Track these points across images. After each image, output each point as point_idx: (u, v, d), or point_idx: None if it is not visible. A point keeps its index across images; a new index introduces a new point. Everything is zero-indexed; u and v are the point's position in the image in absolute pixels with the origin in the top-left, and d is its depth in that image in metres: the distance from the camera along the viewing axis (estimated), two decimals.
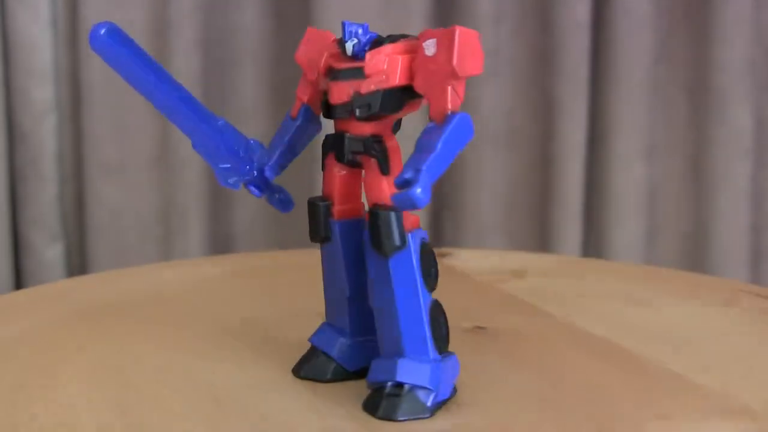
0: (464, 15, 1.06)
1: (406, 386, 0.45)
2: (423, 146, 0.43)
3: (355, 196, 0.48)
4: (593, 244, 1.13)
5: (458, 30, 0.44)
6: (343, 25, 0.46)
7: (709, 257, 1.11)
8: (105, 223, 1.08)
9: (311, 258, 0.53)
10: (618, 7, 1.07)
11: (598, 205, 1.12)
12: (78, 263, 1.10)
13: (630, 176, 1.10)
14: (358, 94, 0.45)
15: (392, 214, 0.45)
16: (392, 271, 0.45)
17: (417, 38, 0.45)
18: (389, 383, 0.46)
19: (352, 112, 0.46)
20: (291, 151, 0.49)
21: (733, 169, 1.10)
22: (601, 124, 1.10)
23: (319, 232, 0.48)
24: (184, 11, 1.04)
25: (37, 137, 1.05)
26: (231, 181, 0.48)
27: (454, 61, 0.43)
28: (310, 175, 1.03)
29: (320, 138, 0.48)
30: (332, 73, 0.46)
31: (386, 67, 0.45)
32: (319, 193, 0.48)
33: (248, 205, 1.10)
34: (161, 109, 0.47)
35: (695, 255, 1.13)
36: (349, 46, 0.46)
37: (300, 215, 0.49)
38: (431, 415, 0.45)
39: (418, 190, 0.40)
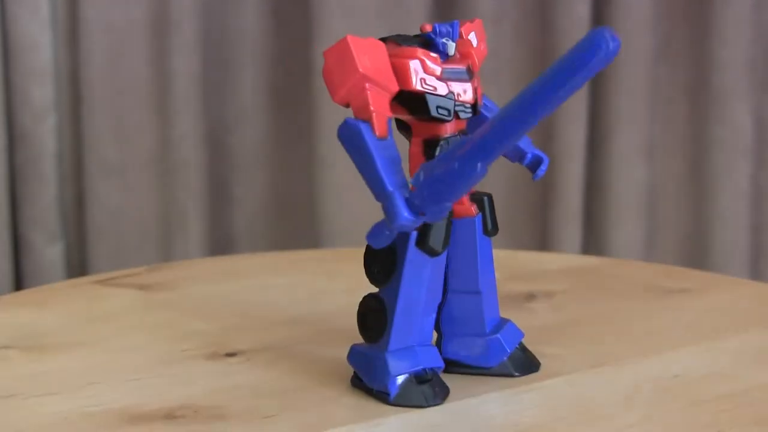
0: (464, 15, 1.06)
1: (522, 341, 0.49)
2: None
3: None
4: (593, 244, 1.13)
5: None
6: (453, 25, 0.45)
7: (709, 257, 1.11)
8: (105, 223, 1.08)
9: None
10: (618, 7, 1.07)
11: (598, 205, 1.12)
12: (78, 263, 1.10)
13: (630, 176, 1.10)
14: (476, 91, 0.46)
15: None
16: (491, 246, 0.48)
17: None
18: (518, 344, 0.49)
19: (474, 110, 0.46)
20: None
21: (733, 169, 1.10)
22: (601, 124, 1.10)
23: (446, 243, 0.44)
24: (184, 11, 1.04)
25: (37, 137, 1.05)
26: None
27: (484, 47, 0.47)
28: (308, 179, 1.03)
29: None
30: (466, 74, 0.45)
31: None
32: (316, 196, 0.47)
33: (248, 206, 1.09)
34: (510, 130, 0.39)
35: (695, 255, 1.12)
36: (452, 47, 0.45)
37: (297, 216, 0.49)
38: None
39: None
